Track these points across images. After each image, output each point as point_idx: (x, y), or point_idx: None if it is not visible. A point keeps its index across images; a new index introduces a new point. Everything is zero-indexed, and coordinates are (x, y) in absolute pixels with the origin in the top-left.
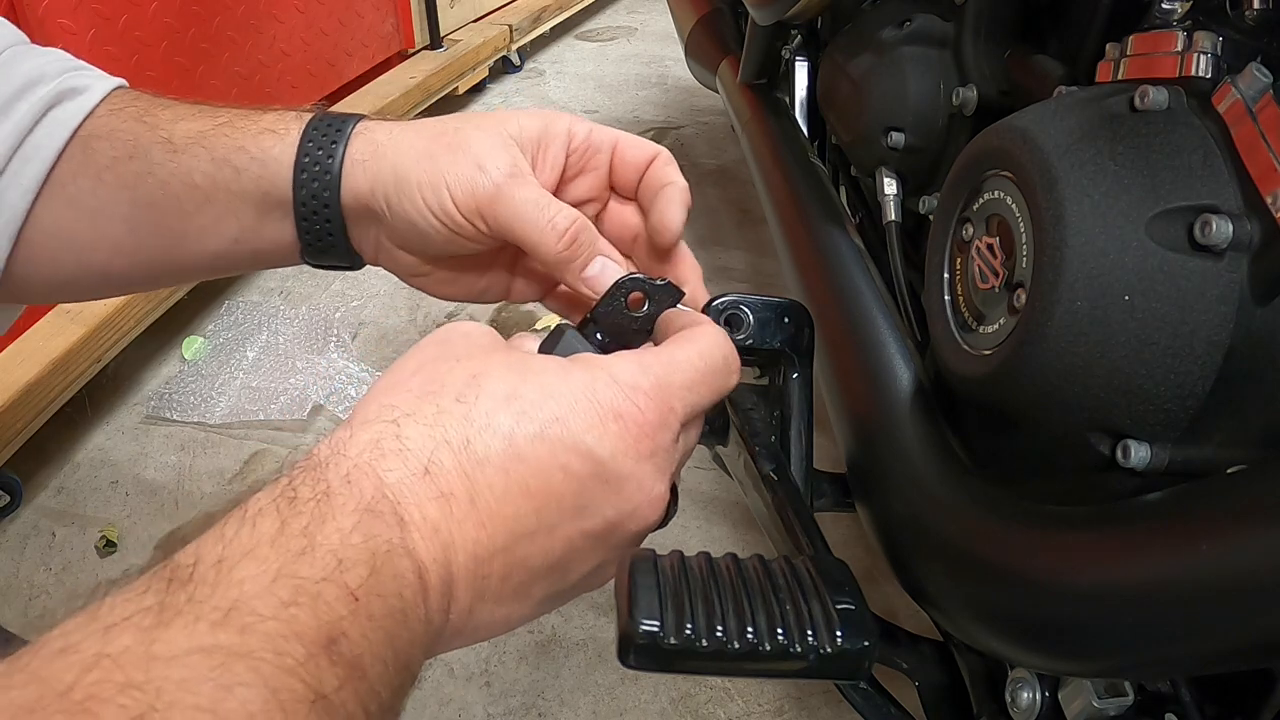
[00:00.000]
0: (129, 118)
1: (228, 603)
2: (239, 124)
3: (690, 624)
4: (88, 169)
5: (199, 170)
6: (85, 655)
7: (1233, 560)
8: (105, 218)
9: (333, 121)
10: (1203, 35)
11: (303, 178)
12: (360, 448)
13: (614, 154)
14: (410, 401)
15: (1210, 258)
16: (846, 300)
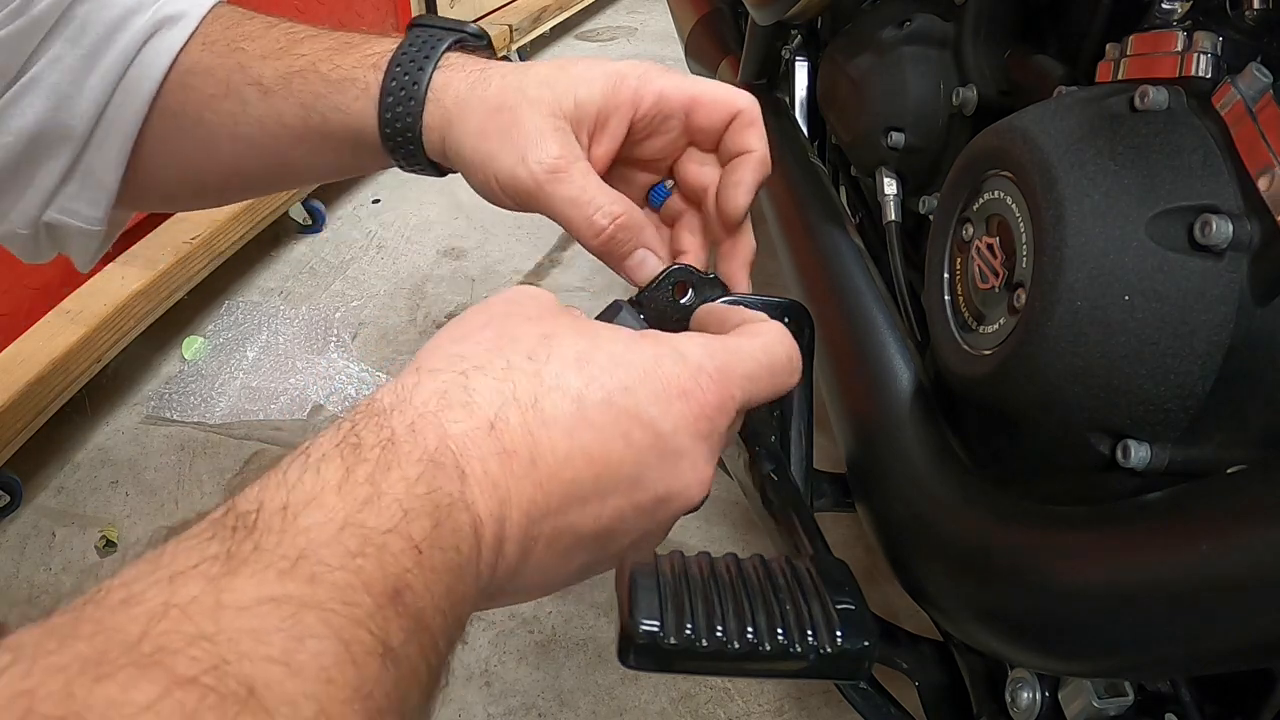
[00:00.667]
0: (220, 52)
1: (295, 551)
2: (321, 67)
3: (690, 624)
4: (189, 104)
5: (289, 113)
6: (152, 605)
7: (1233, 560)
8: (213, 147)
9: (409, 73)
10: (1203, 35)
11: (387, 133)
12: (426, 396)
13: (689, 116)
14: (480, 354)
15: (1210, 258)
16: (846, 300)
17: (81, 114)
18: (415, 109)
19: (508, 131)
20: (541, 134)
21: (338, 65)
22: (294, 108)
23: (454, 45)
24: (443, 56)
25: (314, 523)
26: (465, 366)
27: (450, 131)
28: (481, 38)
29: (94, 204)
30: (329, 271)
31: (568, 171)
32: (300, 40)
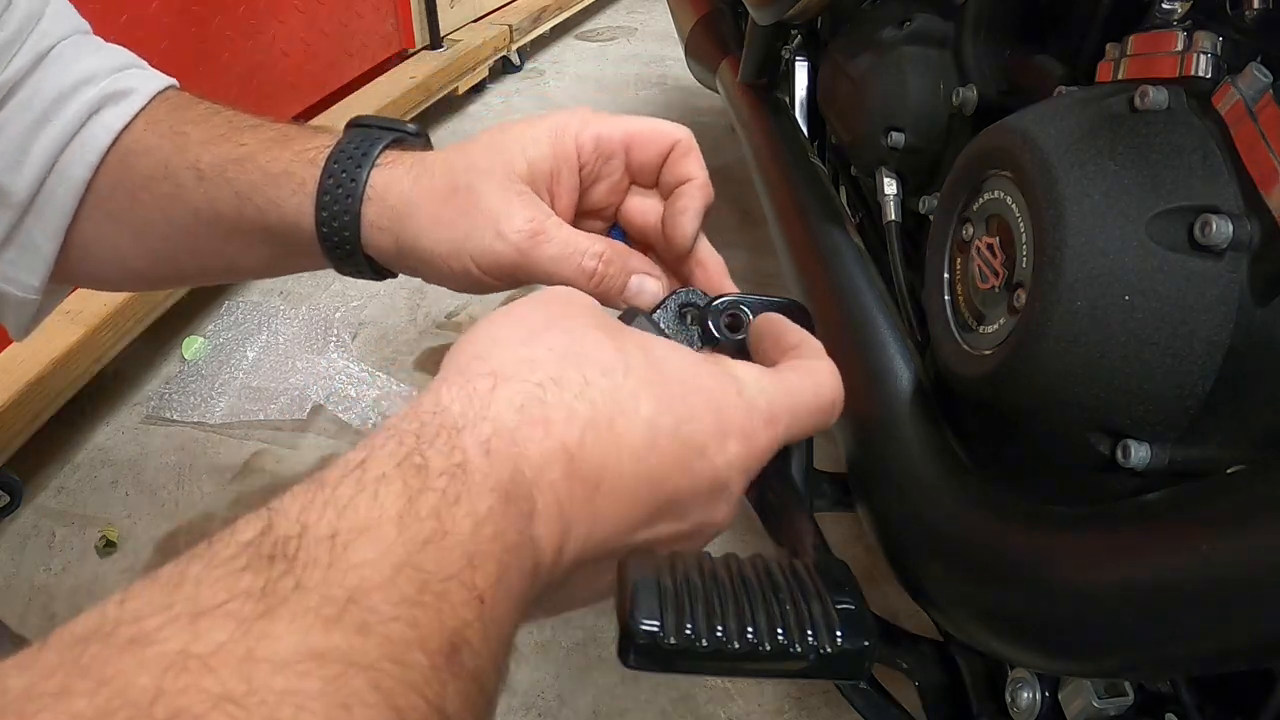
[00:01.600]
0: (162, 133)
1: (344, 593)
2: (260, 158)
3: (690, 624)
4: (125, 185)
5: (225, 202)
6: (168, 651)
7: (1233, 560)
8: (144, 234)
9: (346, 170)
10: (1203, 35)
11: (324, 232)
12: (502, 409)
13: (628, 154)
14: (554, 364)
15: (1210, 258)
16: (846, 300)
17: (25, 180)
18: (353, 207)
19: (470, 213)
20: (507, 203)
21: (276, 158)
22: (229, 196)
23: (392, 144)
24: (381, 154)
25: (367, 558)
26: (540, 377)
27: (403, 230)
28: (419, 135)
29: (32, 272)
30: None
31: (545, 232)
32: (242, 129)
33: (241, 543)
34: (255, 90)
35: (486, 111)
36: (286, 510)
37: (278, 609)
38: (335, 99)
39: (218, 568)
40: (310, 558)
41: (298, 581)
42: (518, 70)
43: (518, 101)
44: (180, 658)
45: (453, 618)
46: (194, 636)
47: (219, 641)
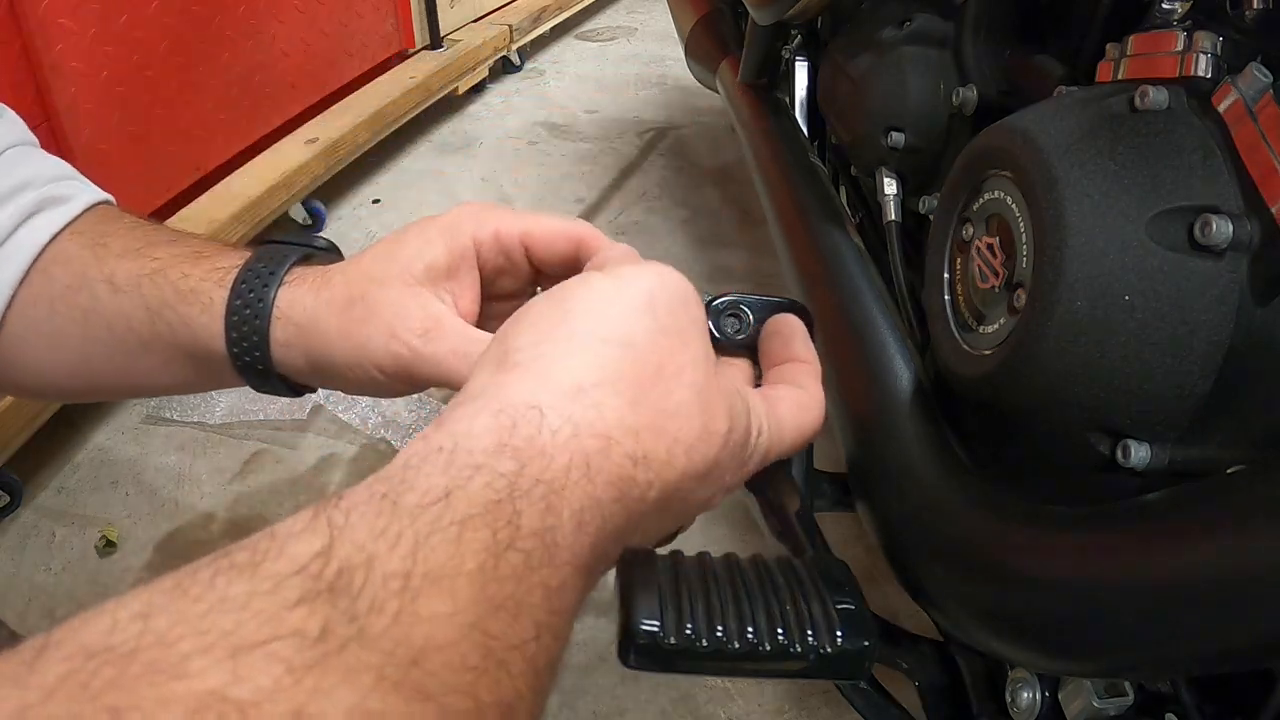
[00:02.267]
0: (84, 244)
1: (409, 653)
2: (171, 274)
3: (690, 624)
4: (44, 295)
5: (137, 316)
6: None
7: (1233, 560)
8: (59, 346)
9: (253, 289)
10: (1203, 35)
11: (235, 352)
12: (600, 481)
13: (528, 252)
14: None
15: (1210, 258)
16: (846, 300)
17: None
18: (261, 328)
19: (368, 320)
20: (402, 306)
21: (187, 274)
22: (141, 311)
23: (302, 260)
24: (289, 271)
25: (437, 614)
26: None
27: (310, 346)
28: (331, 250)
29: None
30: None
31: (439, 328)
32: (158, 243)
33: (296, 563)
34: (255, 90)
35: (486, 111)
36: (353, 531)
37: (334, 659)
38: (335, 99)
39: (266, 593)
40: (376, 600)
41: (360, 629)
42: (518, 70)
43: (517, 101)
44: (214, 700)
45: (510, 691)
46: (233, 677)
47: (263, 688)
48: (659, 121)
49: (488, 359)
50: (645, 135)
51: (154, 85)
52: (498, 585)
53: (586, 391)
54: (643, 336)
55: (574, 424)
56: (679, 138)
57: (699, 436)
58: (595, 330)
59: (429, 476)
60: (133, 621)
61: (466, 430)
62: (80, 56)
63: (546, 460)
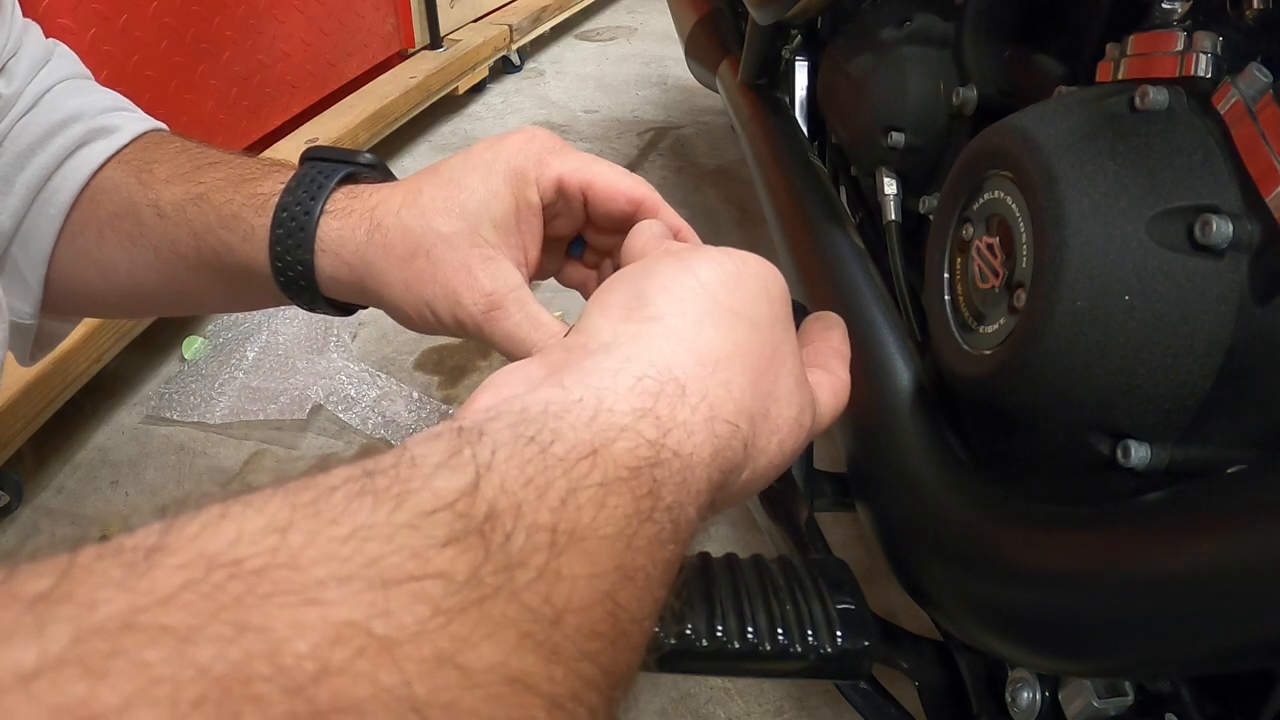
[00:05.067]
0: (130, 171)
1: (553, 612)
2: (215, 198)
3: (691, 624)
4: (92, 222)
5: (183, 241)
6: (335, 617)
7: (1233, 560)
8: (109, 271)
9: (295, 218)
10: (1203, 35)
11: (281, 281)
12: (720, 464)
13: (586, 205)
14: (759, 418)
15: (1210, 258)
16: (846, 300)
17: (9, 211)
18: (305, 258)
19: (432, 279)
20: (469, 271)
21: (229, 199)
22: (187, 236)
23: (344, 180)
24: (329, 198)
25: (578, 575)
26: (748, 434)
27: (366, 286)
28: (376, 168)
29: (23, 300)
30: None
31: (503, 307)
32: (202, 167)
33: (441, 499)
34: (255, 90)
35: (486, 111)
36: (500, 473)
37: (481, 607)
38: (335, 99)
39: (410, 527)
40: (524, 552)
41: (506, 579)
42: (518, 70)
43: (517, 101)
44: (352, 632)
45: (625, 663)
46: (376, 611)
47: (406, 627)
48: (659, 121)
49: (614, 301)
50: (645, 135)
51: (154, 85)
52: (633, 555)
53: (722, 366)
54: (765, 319)
55: (710, 403)
56: (679, 138)
57: (791, 428)
58: (730, 304)
59: (574, 429)
60: (264, 536)
61: (611, 387)
62: (80, 56)
63: (685, 434)
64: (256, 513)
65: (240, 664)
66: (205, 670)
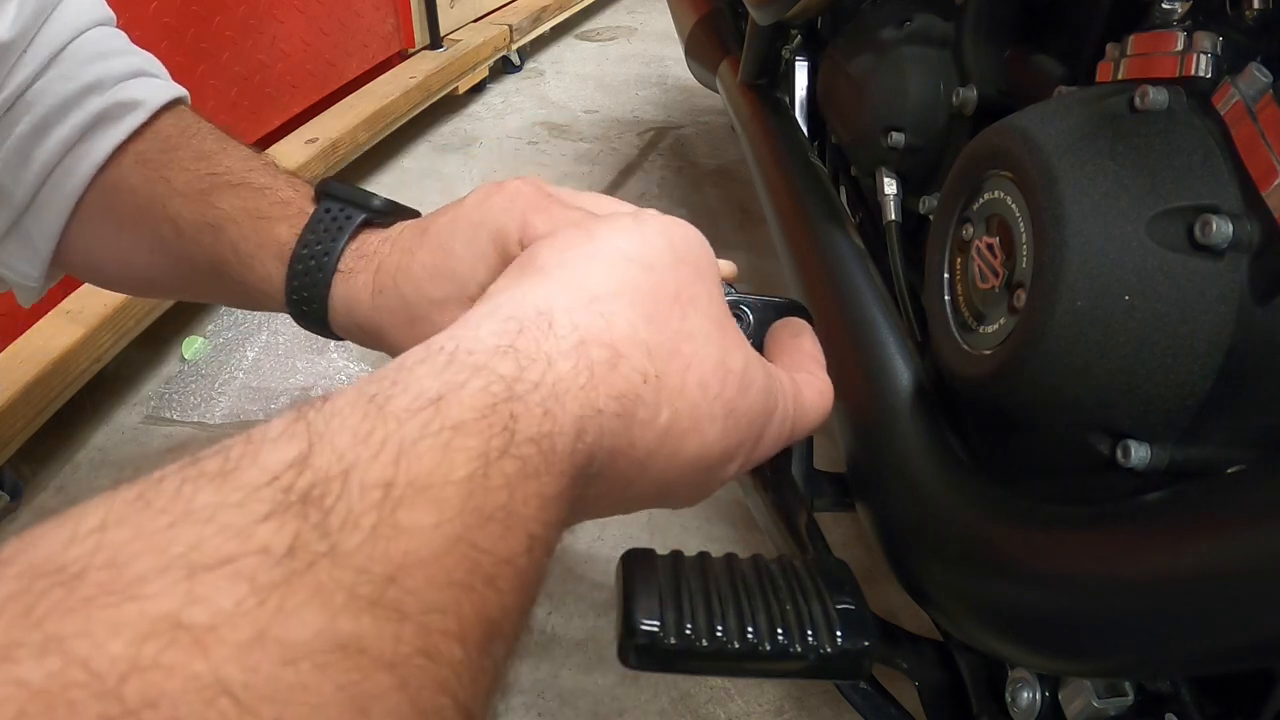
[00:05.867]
0: (146, 176)
1: (386, 568)
2: (232, 232)
3: (690, 624)
4: (111, 215)
5: (201, 260)
6: (151, 611)
7: (1233, 560)
8: (128, 263)
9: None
10: (1203, 35)
11: (301, 322)
12: (604, 393)
13: None
14: (665, 357)
15: (1210, 258)
16: (846, 300)
17: (24, 184)
18: (321, 312)
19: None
20: None
21: (245, 237)
22: (205, 256)
23: (359, 227)
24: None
25: (421, 525)
26: (648, 369)
27: (379, 342)
28: (388, 211)
29: (31, 265)
30: None
31: None
32: (220, 187)
33: (268, 473)
34: (255, 90)
35: (486, 111)
36: (333, 437)
37: (302, 577)
38: (335, 98)
39: (233, 506)
40: (352, 513)
41: (333, 544)
42: (518, 70)
43: (517, 101)
44: (168, 626)
45: (497, 607)
46: (190, 599)
47: (222, 610)
48: (659, 121)
49: (512, 269)
50: (645, 135)
51: None
52: (489, 495)
53: (601, 300)
54: (663, 262)
55: (581, 331)
56: (679, 138)
57: (714, 370)
58: (623, 250)
59: (422, 379)
60: (89, 535)
61: (473, 333)
62: None
63: (547, 364)
64: (95, 509)
65: (57, 674)
66: (24, 684)
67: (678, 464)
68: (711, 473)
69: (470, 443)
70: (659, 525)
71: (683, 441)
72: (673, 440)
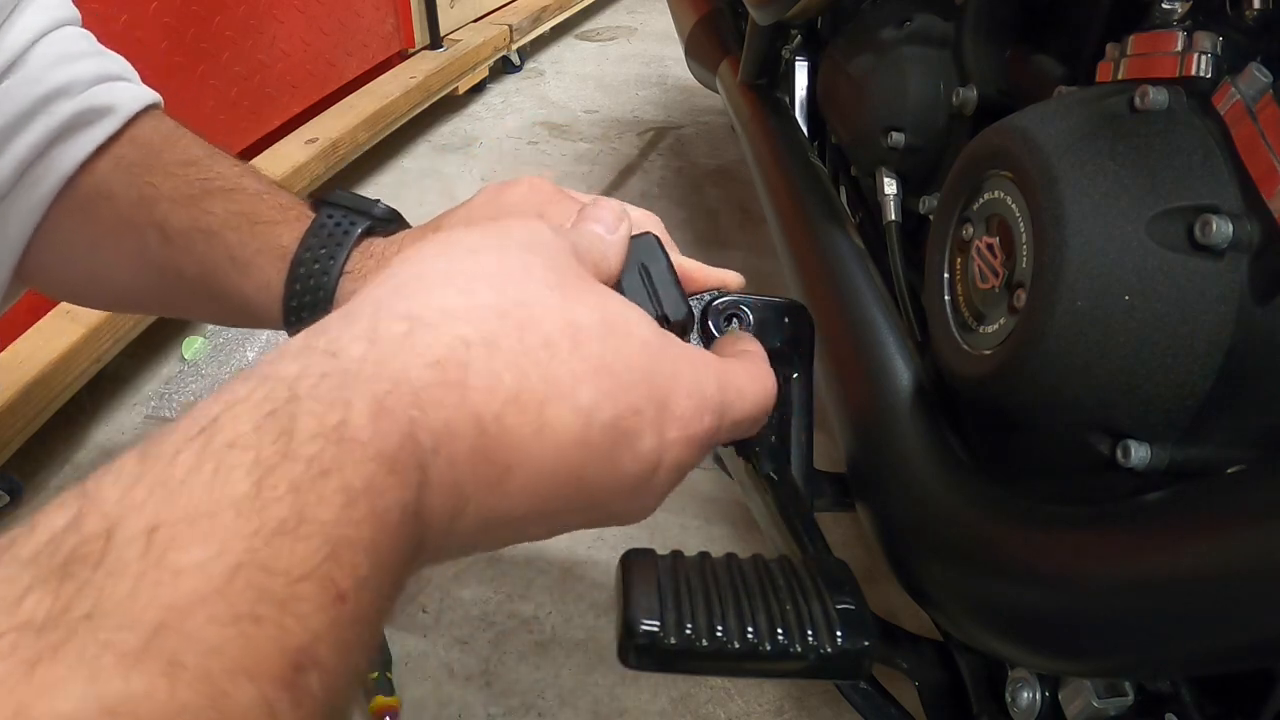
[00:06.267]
0: (129, 181)
1: (155, 614)
2: (229, 238)
3: (690, 624)
4: (85, 229)
5: (190, 269)
6: None
7: (1233, 560)
8: (102, 279)
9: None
10: (1203, 35)
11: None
12: (410, 360)
13: None
14: (491, 320)
15: (1210, 258)
16: (846, 300)
17: None
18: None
19: None
20: None
21: (244, 242)
22: (195, 265)
23: (362, 234)
24: (348, 258)
25: (195, 561)
26: (469, 332)
27: None
28: (390, 220)
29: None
30: None
31: None
32: (213, 192)
33: (37, 545)
34: (255, 90)
35: (486, 111)
36: (102, 494)
37: (65, 646)
38: (335, 99)
39: (3, 582)
40: (117, 565)
41: (95, 603)
42: (518, 70)
43: (517, 101)
44: None
45: (300, 632)
46: None
47: None
48: (659, 121)
49: None
50: (645, 135)
51: (154, 85)
52: (270, 508)
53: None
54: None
55: (380, 312)
56: (679, 138)
57: (561, 329)
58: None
59: (208, 406)
60: None
61: (278, 353)
62: None
63: (335, 352)
64: None
65: None
66: None
67: (561, 438)
68: (619, 449)
69: (244, 457)
70: (659, 525)
71: (545, 409)
72: (532, 408)
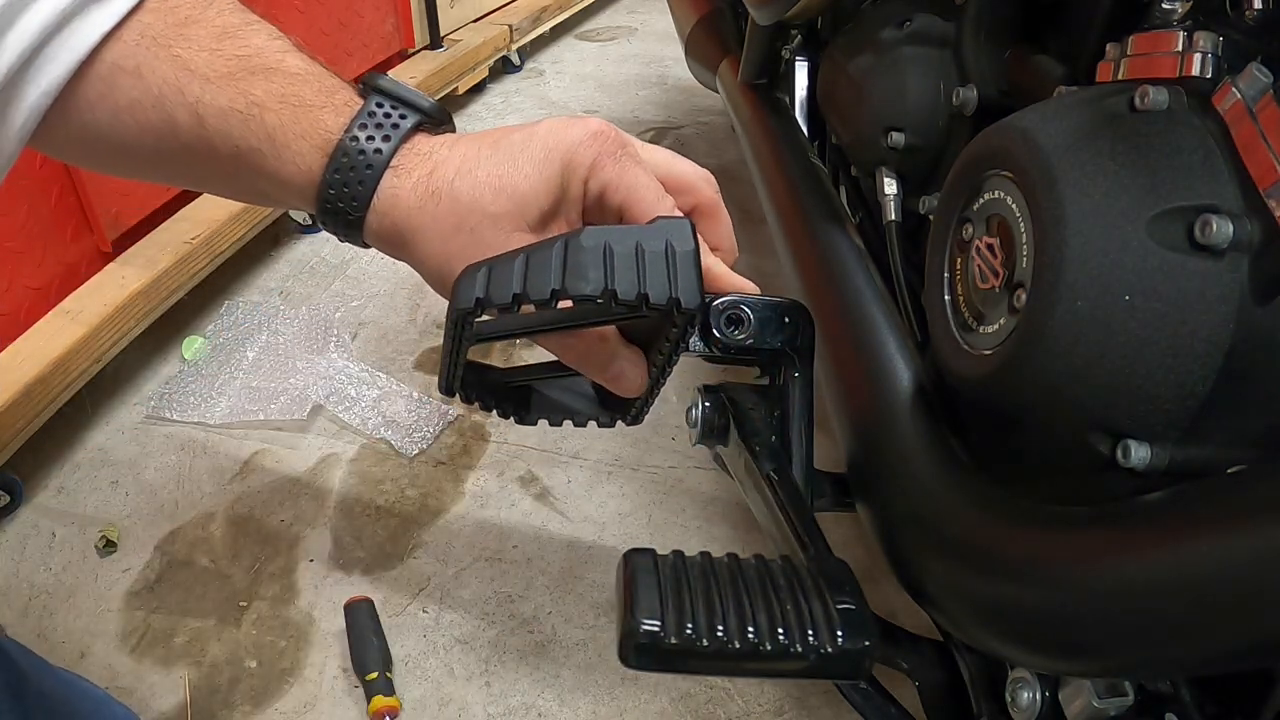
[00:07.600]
0: (158, 55)
1: None
2: (269, 120)
3: (691, 623)
4: (107, 102)
5: (221, 151)
6: None
7: (1233, 560)
8: (124, 153)
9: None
10: (1203, 35)
11: (324, 219)
12: None
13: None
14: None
15: (1210, 258)
16: (846, 300)
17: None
18: (359, 210)
19: (472, 254)
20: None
21: (286, 125)
22: (228, 147)
23: (410, 132)
24: (394, 155)
25: None
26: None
27: (405, 246)
28: (439, 118)
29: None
30: (329, 271)
31: None
32: (252, 72)
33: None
34: None
35: (486, 111)
36: None
37: None
38: None
39: None
40: None
41: None
42: (518, 70)
43: (517, 101)
44: None
45: None
46: None
47: None
48: (659, 121)
49: None
50: (645, 135)
51: None
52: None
53: None
54: None
55: None
56: (679, 138)
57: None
58: None
59: None
60: None
61: None
62: None
63: None
64: None
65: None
66: None
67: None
68: None
69: None
70: (659, 525)
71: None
72: None
